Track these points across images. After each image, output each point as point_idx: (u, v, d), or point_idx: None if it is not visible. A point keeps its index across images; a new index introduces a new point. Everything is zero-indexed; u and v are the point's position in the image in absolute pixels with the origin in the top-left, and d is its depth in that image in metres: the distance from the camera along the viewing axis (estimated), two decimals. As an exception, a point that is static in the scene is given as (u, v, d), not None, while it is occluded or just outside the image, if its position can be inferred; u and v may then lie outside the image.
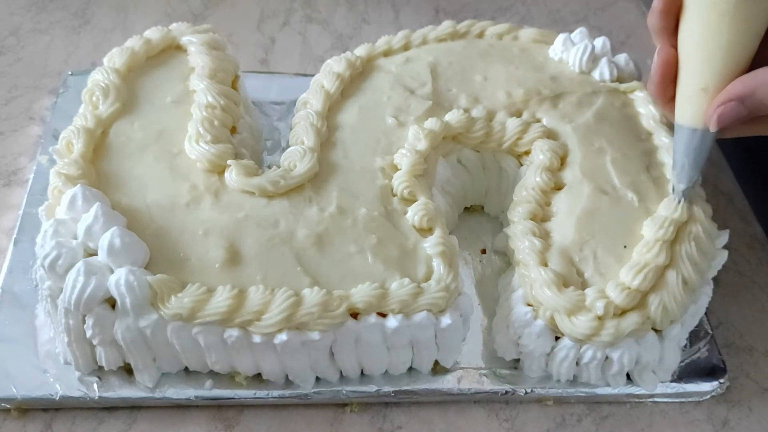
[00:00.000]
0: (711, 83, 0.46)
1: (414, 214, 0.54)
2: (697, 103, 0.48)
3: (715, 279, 0.56)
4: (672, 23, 0.47)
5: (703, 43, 0.46)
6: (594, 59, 0.67)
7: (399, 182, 0.56)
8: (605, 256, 0.53)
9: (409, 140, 0.59)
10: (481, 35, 0.70)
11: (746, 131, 0.48)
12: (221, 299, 0.47)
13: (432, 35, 0.69)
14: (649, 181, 0.58)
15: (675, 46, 0.48)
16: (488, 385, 0.55)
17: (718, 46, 0.45)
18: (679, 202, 0.54)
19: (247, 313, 0.47)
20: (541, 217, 0.57)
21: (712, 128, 0.47)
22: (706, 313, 0.58)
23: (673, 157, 0.52)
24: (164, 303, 0.47)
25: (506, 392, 0.55)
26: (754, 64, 0.46)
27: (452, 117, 0.60)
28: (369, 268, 0.51)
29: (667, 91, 0.50)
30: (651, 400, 0.56)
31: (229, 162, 0.55)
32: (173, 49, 0.65)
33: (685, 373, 0.56)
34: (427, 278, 0.51)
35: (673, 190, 0.54)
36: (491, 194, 0.65)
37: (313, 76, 0.65)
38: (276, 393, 0.53)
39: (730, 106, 0.45)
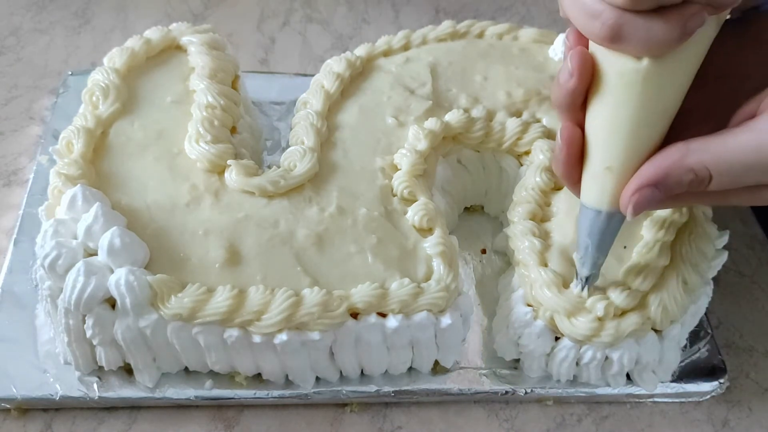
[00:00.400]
0: (616, 162, 0.41)
1: (414, 214, 0.54)
2: (602, 183, 0.43)
3: (715, 279, 0.56)
4: (580, 99, 0.42)
5: (610, 120, 0.41)
6: (594, 59, 0.67)
7: (399, 182, 0.56)
8: (605, 256, 0.53)
9: (409, 140, 0.59)
10: (481, 35, 0.70)
11: (661, 207, 0.44)
12: (221, 299, 0.47)
13: (432, 35, 0.69)
14: (649, 181, 0.58)
15: (579, 124, 0.43)
16: (488, 385, 0.55)
17: (625, 122, 0.40)
18: (583, 289, 0.50)
19: (247, 313, 0.47)
20: (540, 217, 0.57)
21: (629, 217, 0.42)
22: (706, 313, 0.58)
23: (578, 239, 0.48)
24: (164, 303, 0.47)
25: (506, 392, 0.55)
26: (669, 137, 0.42)
27: (452, 117, 0.60)
28: (369, 268, 0.51)
29: (573, 172, 0.45)
30: (651, 400, 0.56)
31: (229, 162, 0.55)
32: (173, 49, 0.65)
33: (685, 373, 0.56)
34: (427, 278, 0.51)
35: (577, 275, 0.50)
36: (491, 194, 0.65)
37: (313, 76, 0.65)
38: (276, 393, 0.53)
39: (645, 193, 0.41)
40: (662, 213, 0.54)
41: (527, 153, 0.61)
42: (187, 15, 0.87)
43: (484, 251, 0.63)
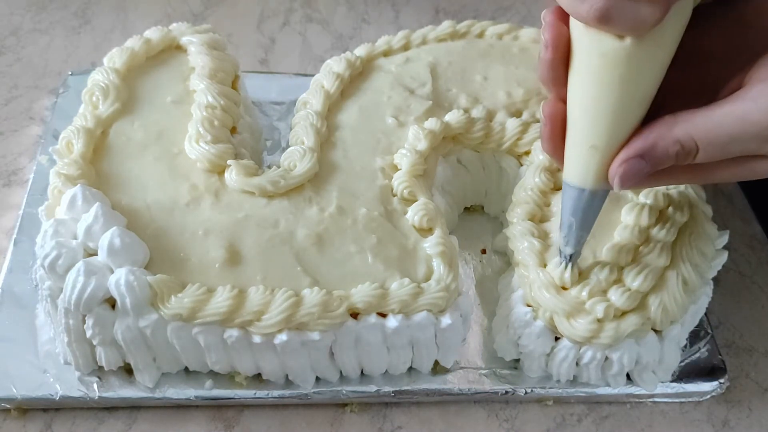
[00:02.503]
0: (601, 141, 0.42)
1: (414, 214, 0.54)
2: (586, 162, 0.43)
3: (715, 279, 0.56)
4: (561, 73, 0.42)
5: (594, 99, 0.41)
6: (594, 59, 0.67)
7: (399, 182, 0.56)
8: (605, 256, 0.53)
9: (409, 140, 0.59)
10: (481, 35, 0.70)
11: (644, 185, 0.45)
12: (221, 299, 0.47)
13: (432, 35, 0.69)
14: (649, 181, 0.58)
15: (563, 99, 0.43)
16: (488, 385, 0.55)
17: (610, 101, 0.40)
18: (566, 266, 0.50)
19: (247, 314, 0.47)
20: (540, 217, 0.57)
21: (616, 189, 0.43)
22: (706, 313, 0.58)
23: (561, 217, 0.48)
24: (164, 303, 0.47)
25: (506, 392, 0.55)
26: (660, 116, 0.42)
27: (452, 117, 0.60)
28: (369, 268, 0.51)
29: (558, 148, 0.45)
30: (651, 400, 0.56)
31: (229, 162, 0.55)
32: (173, 49, 0.65)
33: (685, 373, 0.56)
34: (427, 278, 0.51)
35: (560, 253, 0.50)
36: (491, 194, 0.65)
37: (313, 76, 0.65)
38: (276, 393, 0.53)
39: (632, 164, 0.41)
40: (666, 213, 0.54)
41: (527, 153, 0.61)
42: (187, 15, 0.87)
43: (484, 251, 0.63)
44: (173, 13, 0.87)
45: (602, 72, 0.40)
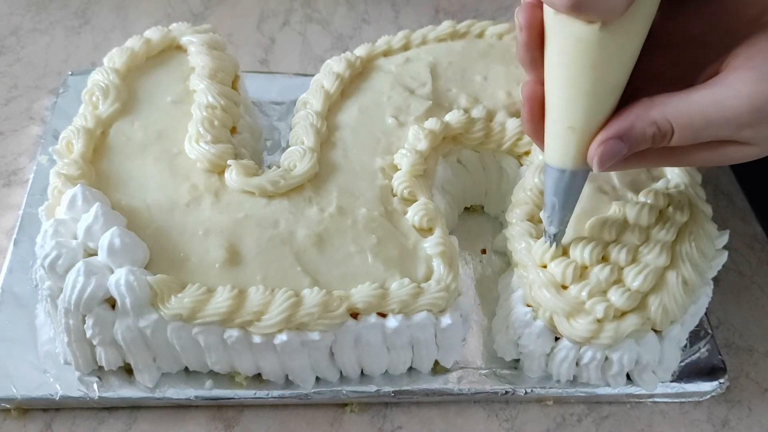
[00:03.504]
0: (578, 122, 0.43)
1: (414, 214, 0.54)
2: (565, 143, 0.44)
3: (715, 279, 0.56)
4: (538, 56, 0.43)
5: (569, 82, 0.42)
6: (594, 59, 0.67)
7: (399, 182, 0.56)
8: (605, 256, 0.53)
9: (409, 140, 0.59)
10: (481, 35, 0.70)
11: (623, 167, 0.46)
12: (221, 299, 0.47)
13: (432, 35, 0.69)
14: (649, 181, 0.58)
15: (542, 82, 0.44)
16: (488, 385, 0.55)
17: (584, 83, 0.41)
18: (551, 245, 0.51)
19: (247, 314, 0.47)
20: (539, 218, 0.57)
21: (595, 170, 0.44)
22: (706, 313, 0.58)
23: (544, 198, 0.49)
24: (164, 303, 0.47)
25: (506, 392, 0.55)
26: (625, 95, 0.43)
27: (452, 117, 0.60)
28: (369, 268, 0.51)
29: (538, 129, 0.46)
30: (651, 400, 0.56)
31: (229, 162, 0.55)
32: (173, 49, 0.65)
33: (685, 373, 0.57)
34: (427, 278, 0.51)
35: (545, 233, 0.52)
36: (491, 194, 0.65)
37: (313, 76, 0.65)
38: (276, 393, 0.53)
39: (610, 145, 0.42)
40: (666, 212, 0.54)
41: (527, 153, 0.61)
42: (187, 15, 0.87)
43: (484, 251, 0.63)
44: (173, 13, 0.87)
45: (575, 55, 0.41)
